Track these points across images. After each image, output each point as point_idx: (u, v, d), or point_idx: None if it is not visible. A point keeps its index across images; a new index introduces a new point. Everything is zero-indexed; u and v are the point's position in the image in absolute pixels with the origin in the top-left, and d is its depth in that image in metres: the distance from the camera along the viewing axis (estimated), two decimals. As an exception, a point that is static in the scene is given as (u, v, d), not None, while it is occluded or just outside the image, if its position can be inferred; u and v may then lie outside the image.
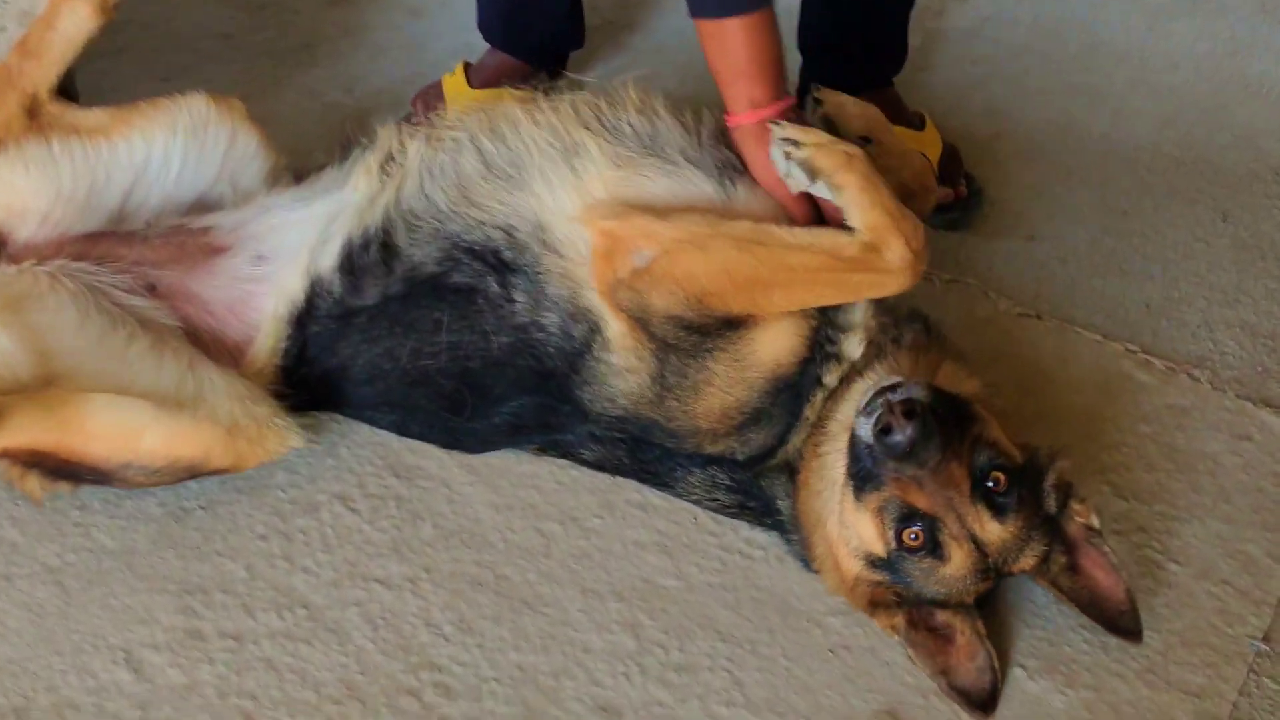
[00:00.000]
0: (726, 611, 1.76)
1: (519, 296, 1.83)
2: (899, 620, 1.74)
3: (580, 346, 1.83)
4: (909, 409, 1.67)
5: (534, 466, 1.92)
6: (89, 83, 2.22)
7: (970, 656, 1.76)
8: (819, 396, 1.85)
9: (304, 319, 1.88)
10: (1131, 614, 1.80)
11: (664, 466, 1.89)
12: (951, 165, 2.56)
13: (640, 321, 1.79)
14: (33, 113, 1.94)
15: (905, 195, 1.88)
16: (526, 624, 1.70)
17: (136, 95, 2.09)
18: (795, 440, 1.85)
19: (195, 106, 2.00)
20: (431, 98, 2.56)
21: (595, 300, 1.81)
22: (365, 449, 1.91)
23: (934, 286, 2.38)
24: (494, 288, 1.84)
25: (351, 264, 1.90)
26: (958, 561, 1.71)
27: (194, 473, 1.74)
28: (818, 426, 1.83)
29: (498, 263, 1.84)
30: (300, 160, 2.08)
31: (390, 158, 1.97)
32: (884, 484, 1.68)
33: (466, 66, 2.59)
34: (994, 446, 1.77)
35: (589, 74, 2.81)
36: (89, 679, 1.59)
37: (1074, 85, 2.96)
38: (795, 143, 1.80)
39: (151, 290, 1.91)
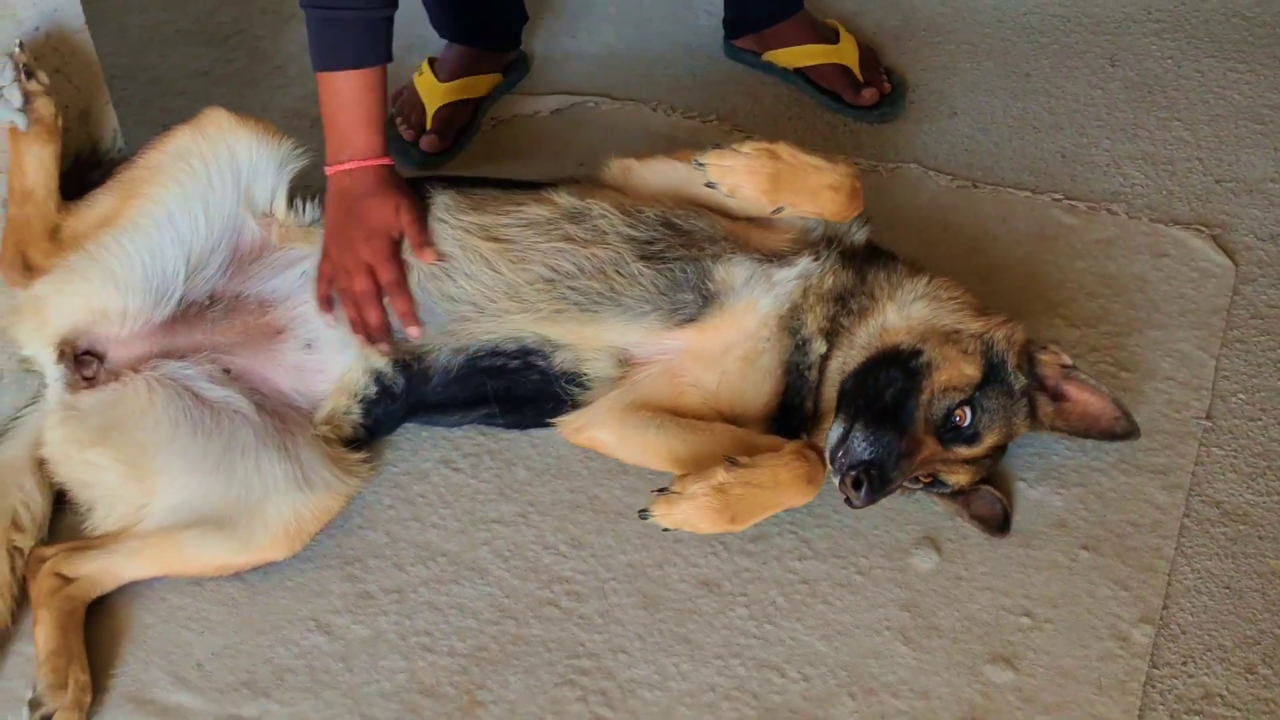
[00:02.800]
0: None
1: (540, 362, 2.08)
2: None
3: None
4: (856, 480, 1.86)
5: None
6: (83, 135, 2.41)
7: (980, 496, 2.04)
8: (809, 402, 2.07)
9: (364, 399, 2.10)
10: (1125, 418, 2.04)
11: None
12: (871, 65, 2.83)
13: None
14: (54, 235, 2.02)
15: (831, 210, 2.08)
16: (624, 529, 2.04)
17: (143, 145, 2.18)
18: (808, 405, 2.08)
19: (178, 144, 2.06)
20: (408, 102, 2.74)
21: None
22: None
23: (881, 177, 2.64)
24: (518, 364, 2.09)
25: (397, 359, 2.08)
26: (959, 480, 1.99)
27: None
28: (816, 418, 2.07)
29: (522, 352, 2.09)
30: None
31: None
32: None
33: (431, 62, 2.77)
34: (947, 390, 1.95)
35: (535, 44, 3.07)
36: (293, 646, 1.92)
37: None
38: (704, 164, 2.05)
39: (227, 373, 2.06)
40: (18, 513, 1.97)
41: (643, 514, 1.92)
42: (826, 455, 1.95)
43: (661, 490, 1.90)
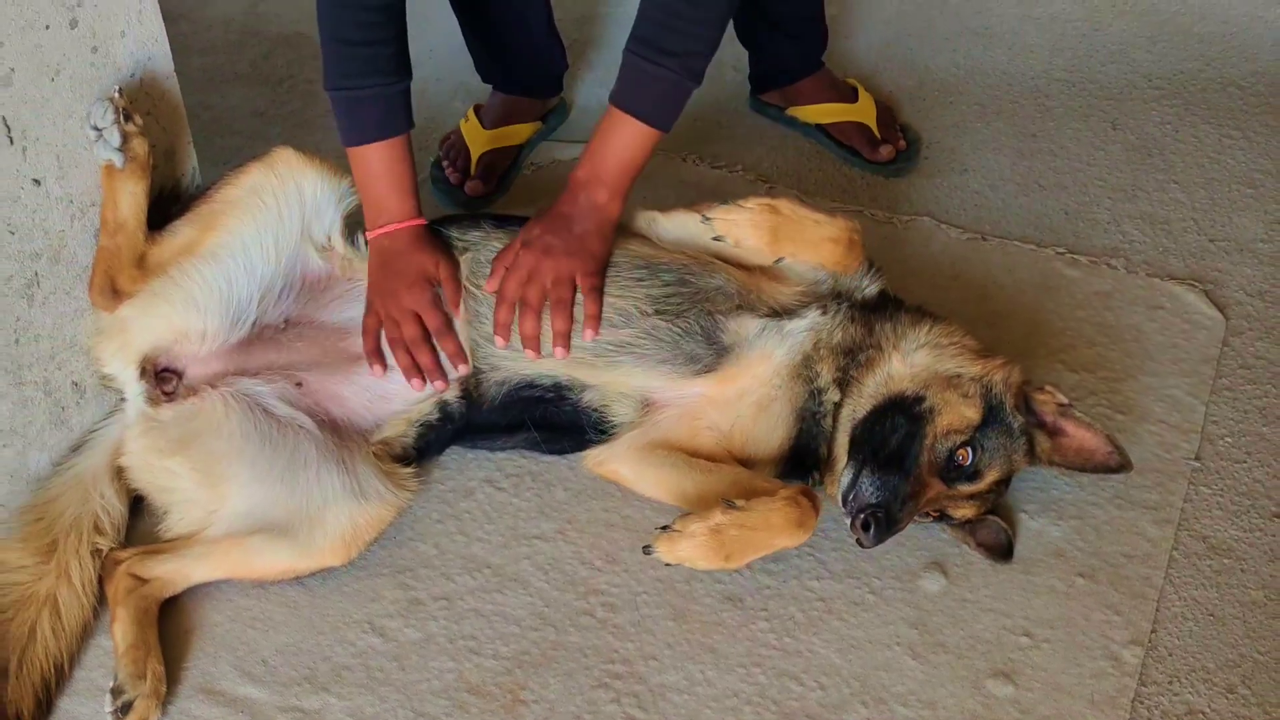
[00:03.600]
0: None
1: (571, 396, 2.23)
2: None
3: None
4: (865, 523, 2.00)
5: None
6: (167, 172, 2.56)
7: (986, 526, 2.17)
8: (823, 447, 2.20)
9: (424, 424, 2.25)
10: (1119, 453, 2.15)
11: None
12: (888, 123, 2.97)
13: None
14: (141, 263, 2.17)
15: (830, 260, 2.23)
16: None
17: (204, 178, 2.40)
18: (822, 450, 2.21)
19: (252, 180, 2.21)
20: (454, 146, 2.90)
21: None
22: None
23: (896, 228, 2.79)
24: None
25: (461, 391, 2.24)
26: (965, 514, 2.12)
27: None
28: (831, 461, 2.21)
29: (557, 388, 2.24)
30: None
31: (473, 297, 2.24)
32: None
33: (477, 109, 2.92)
34: (949, 433, 2.07)
35: (572, 94, 3.24)
36: (350, 646, 2.07)
37: (973, 29, 3.33)
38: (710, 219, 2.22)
39: (299, 387, 2.21)
40: (99, 517, 2.13)
41: (647, 550, 2.06)
42: (839, 498, 2.09)
43: (664, 528, 2.06)
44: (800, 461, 2.25)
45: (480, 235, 2.31)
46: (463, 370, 2.21)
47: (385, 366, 2.21)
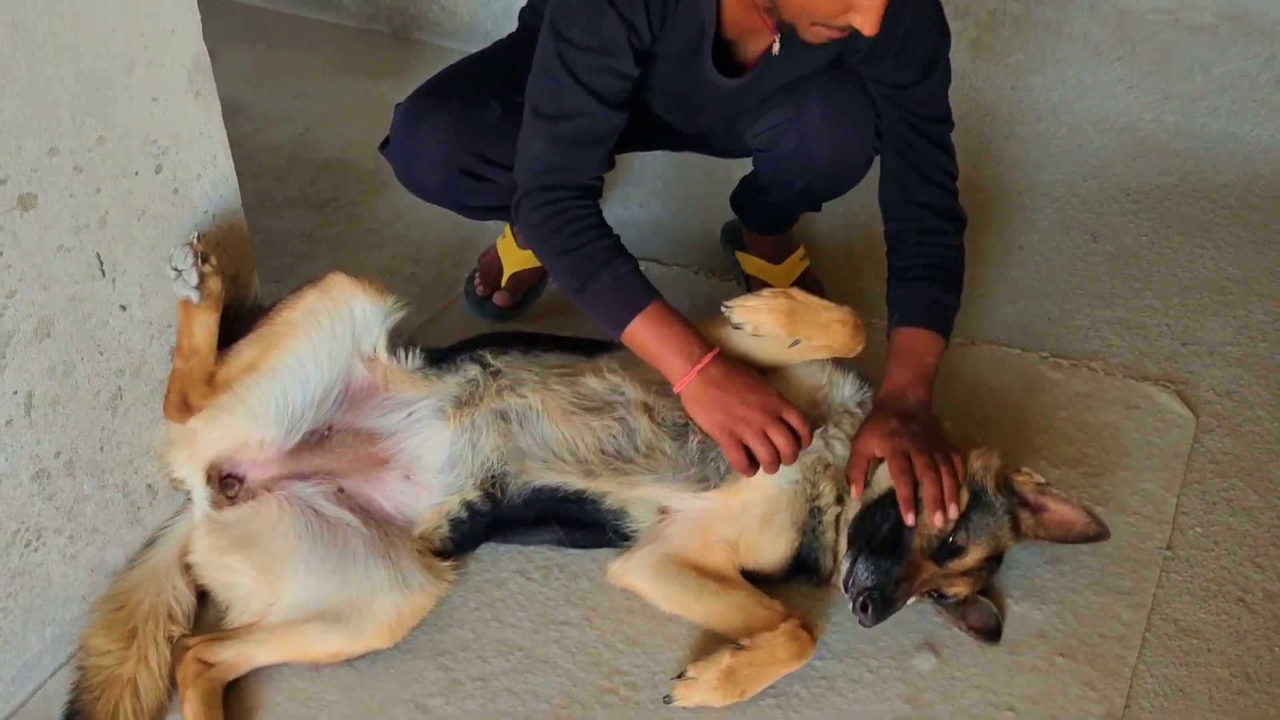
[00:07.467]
0: (805, 600, 2.45)
1: (592, 499, 2.45)
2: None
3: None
4: (863, 604, 2.21)
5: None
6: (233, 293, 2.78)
7: (978, 609, 2.35)
8: (828, 557, 2.40)
9: (455, 519, 2.44)
10: (1096, 522, 2.31)
11: None
12: (809, 288, 2.98)
13: None
14: (211, 381, 2.36)
15: (839, 341, 2.42)
16: (672, 631, 2.39)
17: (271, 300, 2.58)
18: (826, 560, 2.41)
19: (308, 304, 2.40)
20: (490, 263, 3.12)
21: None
22: (524, 535, 2.62)
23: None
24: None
25: (484, 491, 2.42)
26: (959, 591, 2.30)
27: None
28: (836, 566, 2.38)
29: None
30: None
31: (503, 414, 2.43)
32: None
33: (513, 228, 3.09)
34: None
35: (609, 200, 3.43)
36: (397, 724, 2.31)
37: (961, 146, 3.33)
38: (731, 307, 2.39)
39: (341, 492, 2.40)
40: (172, 606, 2.36)
41: (667, 699, 2.23)
42: (840, 583, 2.31)
43: (679, 676, 2.26)
44: (803, 567, 2.46)
45: (509, 360, 2.51)
46: (808, 446, 2.35)
47: (753, 469, 2.33)
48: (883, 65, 2.48)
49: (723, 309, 2.41)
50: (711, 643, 2.35)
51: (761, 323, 2.42)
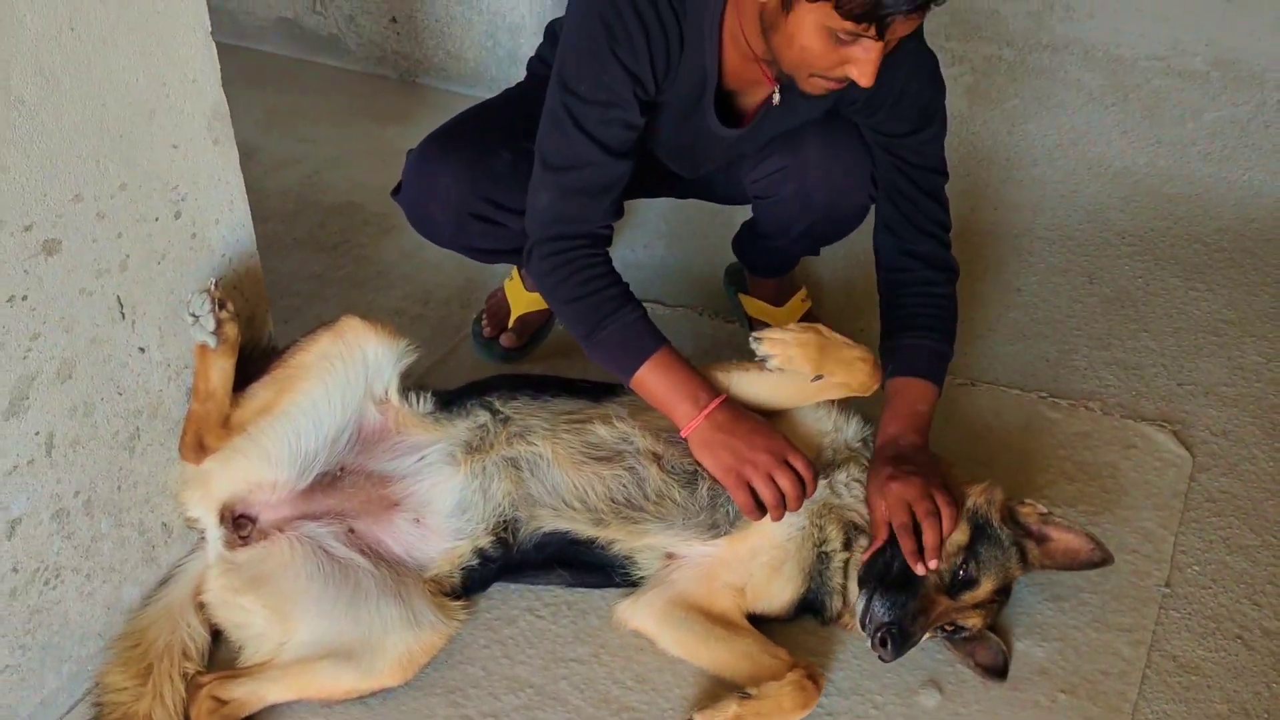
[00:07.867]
0: (812, 637, 2.49)
1: (601, 544, 2.48)
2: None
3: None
4: (882, 639, 2.25)
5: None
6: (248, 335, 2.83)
7: (987, 646, 2.38)
8: (835, 600, 2.44)
9: (466, 566, 2.46)
10: (1100, 548, 2.36)
11: None
12: None
13: None
14: (226, 423, 2.40)
15: (859, 379, 2.44)
16: (680, 669, 2.42)
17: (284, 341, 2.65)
18: (834, 602, 2.45)
19: (321, 346, 2.43)
20: (498, 304, 3.17)
21: None
22: (533, 573, 2.66)
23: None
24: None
25: (496, 536, 2.45)
26: (974, 623, 2.33)
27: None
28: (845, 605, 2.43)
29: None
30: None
31: (514, 462, 2.45)
32: None
33: (520, 270, 3.16)
34: (945, 556, 2.30)
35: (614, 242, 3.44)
36: (408, 761, 2.34)
37: (960, 190, 3.53)
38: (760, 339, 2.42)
39: (351, 533, 2.43)
40: (187, 644, 2.39)
41: None
42: (857, 625, 2.34)
43: None
44: (809, 608, 2.50)
45: (518, 406, 2.54)
46: (815, 494, 2.38)
47: (760, 513, 2.35)
48: (878, 115, 2.54)
49: (750, 341, 2.43)
50: (718, 683, 2.39)
51: (791, 356, 2.44)
